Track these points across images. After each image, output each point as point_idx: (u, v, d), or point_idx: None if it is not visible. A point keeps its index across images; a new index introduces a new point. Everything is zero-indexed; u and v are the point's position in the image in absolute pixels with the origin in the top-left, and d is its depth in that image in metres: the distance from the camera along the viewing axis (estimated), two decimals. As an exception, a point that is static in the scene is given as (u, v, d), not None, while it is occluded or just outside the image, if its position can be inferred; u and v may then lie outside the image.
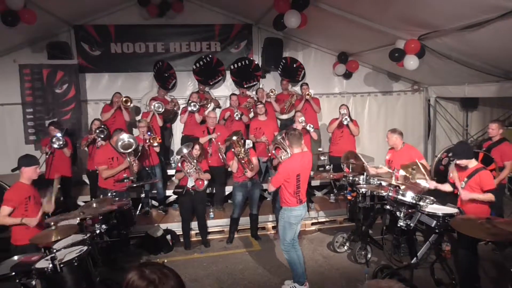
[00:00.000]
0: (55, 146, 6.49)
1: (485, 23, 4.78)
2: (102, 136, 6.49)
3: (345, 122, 7.17)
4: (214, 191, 7.39)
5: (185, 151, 6.01)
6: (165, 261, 5.75)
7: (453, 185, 4.79)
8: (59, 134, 6.58)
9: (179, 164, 6.09)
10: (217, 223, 6.90)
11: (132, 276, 1.59)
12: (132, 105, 7.65)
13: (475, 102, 9.12)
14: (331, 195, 7.83)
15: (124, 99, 7.41)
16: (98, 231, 4.57)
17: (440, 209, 4.57)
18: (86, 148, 6.93)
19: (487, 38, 5.23)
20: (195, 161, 6.06)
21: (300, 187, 4.66)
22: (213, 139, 6.84)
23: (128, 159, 5.75)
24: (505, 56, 5.83)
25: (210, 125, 6.97)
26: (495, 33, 4.98)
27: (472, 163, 4.56)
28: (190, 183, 6.02)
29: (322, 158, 7.38)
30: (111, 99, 7.64)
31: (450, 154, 7.46)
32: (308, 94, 7.79)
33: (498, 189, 5.29)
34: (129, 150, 5.73)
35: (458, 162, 4.64)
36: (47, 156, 6.55)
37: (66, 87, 7.94)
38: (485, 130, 8.16)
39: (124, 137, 5.79)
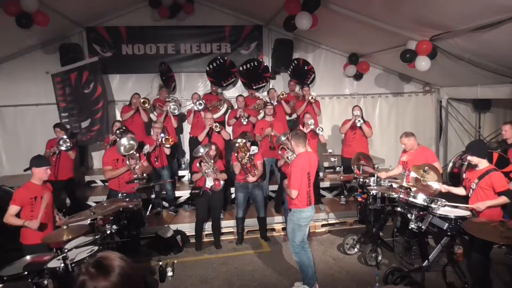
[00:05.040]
0: (63, 148, 6.52)
1: (498, 23, 4.72)
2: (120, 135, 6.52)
3: (358, 124, 7.12)
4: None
5: (202, 151, 5.99)
6: (175, 261, 5.80)
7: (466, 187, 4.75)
8: (65, 136, 6.63)
9: (197, 165, 6.06)
10: (226, 224, 6.90)
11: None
12: (149, 106, 7.69)
13: (488, 103, 8.99)
14: (342, 196, 7.79)
15: (142, 100, 7.47)
16: (108, 232, 4.59)
17: (452, 212, 4.52)
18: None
19: (500, 38, 5.16)
20: (212, 161, 6.07)
21: (310, 186, 4.64)
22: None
23: (128, 162, 5.67)
24: (519, 57, 5.74)
25: (208, 126, 6.87)
26: (509, 33, 4.91)
27: (483, 164, 4.50)
28: (209, 183, 6.01)
29: (332, 159, 7.35)
30: (130, 100, 7.68)
31: (463, 155, 7.37)
32: (312, 98, 7.75)
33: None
34: (132, 151, 5.64)
35: (469, 158, 4.59)
36: (53, 158, 6.56)
37: (92, 86, 8.00)
38: (498, 132, 8.04)
39: (124, 141, 5.69)
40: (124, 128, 6.69)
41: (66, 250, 3.56)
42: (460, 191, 4.90)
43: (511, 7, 4.30)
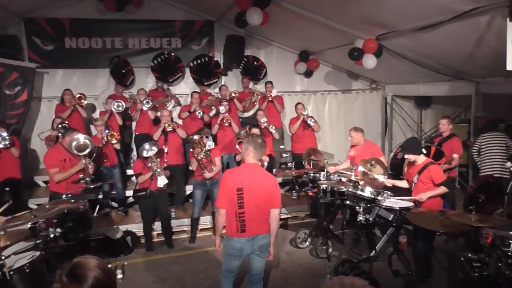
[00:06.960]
0: (1, 146, 6.10)
1: (438, 24, 4.99)
2: (64, 131, 6.17)
3: (311, 123, 7.27)
4: (174, 190, 7.23)
5: (148, 148, 5.76)
6: (125, 263, 5.60)
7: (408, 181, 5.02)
8: (4, 134, 6.16)
9: (149, 165, 5.81)
10: (179, 223, 6.77)
11: None
12: (86, 102, 7.31)
13: (429, 100, 9.56)
14: (293, 191, 7.91)
15: (78, 96, 7.10)
16: (52, 235, 4.32)
17: (397, 203, 4.74)
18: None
19: (440, 39, 5.47)
20: (158, 159, 5.91)
21: (245, 207, 3.48)
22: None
23: (84, 160, 5.36)
24: (456, 56, 6.13)
25: (163, 123, 6.70)
26: (447, 34, 5.22)
27: (421, 159, 4.81)
28: (162, 182, 5.78)
29: (284, 155, 7.44)
30: (61, 97, 7.29)
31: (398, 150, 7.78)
32: (270, 96, 7.82)
33: (448, 182, 5.61)
34: (85, 153, 5.32)
35: (406, 156, 4.94)
36: None
37: (18, 89, 7.36)
38: (438, 127, 8.56)
39: (80, 137, 5.34)
40: (66, 123, 6.34)
41: (3, 257, 3.30)
42: (403, 184, 5.18)
43: (450, 8, 4.56)
